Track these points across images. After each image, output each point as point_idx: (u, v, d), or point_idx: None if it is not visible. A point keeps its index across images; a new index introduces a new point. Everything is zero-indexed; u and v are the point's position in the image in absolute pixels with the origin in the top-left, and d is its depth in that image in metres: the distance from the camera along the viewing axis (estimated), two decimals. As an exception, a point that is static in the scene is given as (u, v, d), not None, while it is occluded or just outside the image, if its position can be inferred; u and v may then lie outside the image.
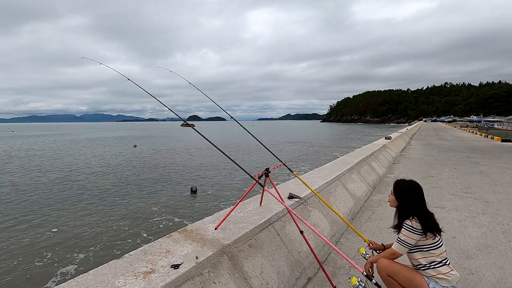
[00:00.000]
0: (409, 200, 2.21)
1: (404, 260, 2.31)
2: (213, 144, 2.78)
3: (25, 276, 5.87)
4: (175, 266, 1.96)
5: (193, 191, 12.37)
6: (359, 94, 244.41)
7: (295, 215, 2.66)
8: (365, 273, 2.21)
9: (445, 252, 2.16)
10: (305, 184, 3.57)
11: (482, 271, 2.94)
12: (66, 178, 15.65)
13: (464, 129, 37.27)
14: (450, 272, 2.09)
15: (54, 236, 7.82)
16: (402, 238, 2.15)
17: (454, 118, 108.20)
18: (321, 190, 4.34)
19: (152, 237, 7.50)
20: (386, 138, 13.53)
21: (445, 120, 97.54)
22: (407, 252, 2.21)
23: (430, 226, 2.11)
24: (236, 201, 2.94)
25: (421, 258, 2.14)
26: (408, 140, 19.09)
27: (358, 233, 2.96)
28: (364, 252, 2.57)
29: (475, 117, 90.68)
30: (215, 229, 2.64)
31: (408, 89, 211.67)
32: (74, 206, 10.55)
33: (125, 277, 1.85)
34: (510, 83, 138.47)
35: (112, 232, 8.01)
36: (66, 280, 1.83)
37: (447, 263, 2.13)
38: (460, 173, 8.05)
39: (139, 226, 8.43)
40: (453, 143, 17.43)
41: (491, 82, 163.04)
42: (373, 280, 2.15)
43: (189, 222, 8.28)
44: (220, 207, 10.01)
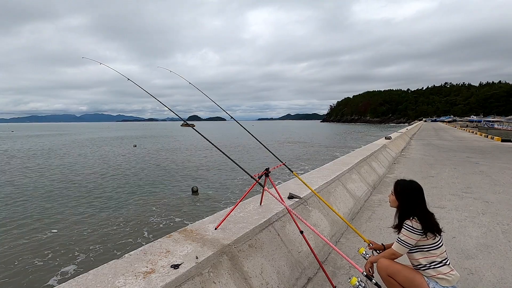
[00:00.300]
0: (410, 200, 2.21)
1: (404, 260, 2.31)
2: (213, 144, 2.77)
3: (26, 276, 5.87)
4: (175, 266, 1.96)
5: (194, 191, 12.36)
6: (359, 94, 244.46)
7: (295, 215, 2.66)
8: (365, 273, 2.21)
9: (445, 252, 2.16)
10: (305, 184, 3.57)
11: (482, 271, 2.94)
12: (66, 178, 15.65)
13: (464, 129, 37.27)
14: (450, 272, 2.09)
15: (54, 236, 7.82)
16: (402, 238, 2.15)
17: (454, 118, 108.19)
18: (321, 190, 4.34)
19: (152, 237, 7.50)
20: (386, 138, 13.53)
21: (445, 120, 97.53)
22: (407, 252, 2.21)
23: (431, 226, 2.11)
24: (236, 201, 2.94)
25: (421, 258, 2.14)
26: (408, 140, 19.09)
27: (358, 233, 2.96)
28: (364, 252, 2.58)
29: (475, 117, 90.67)
30: (215, 229, 2.64)
31: (408, 89, 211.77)
32: (74, 206, 10.55)
33: (125, 277, 1.85)
34: (510, 83, 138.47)
35: (112, 232, 8.01)
36: (66, 280, 1.83)
37: (447, 263, 2.13)
38: (460, 173, 8.05)
39: (139, 226, 8.43)
40: (453, 143, 17.43)
41: (491, 82, 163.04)
42: (373, 280, 2.15)
43: (189, 222, 8.28)
44: (220, 207, 10.01)
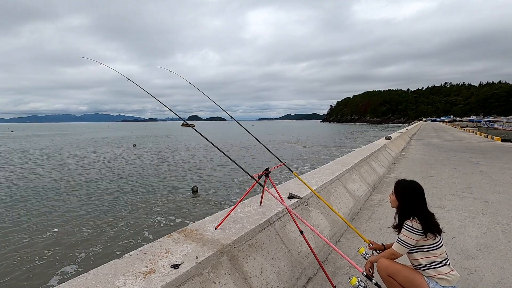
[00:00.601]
0: (410, 201, 2.21)
1: (404, 260, 2.31)
2: (213, 144, 2.77)
3: (26, 276, 5.87)
4: (175, 266, 1.96)
5: (194, 191, 12.35)
6: (359, 94, 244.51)
7: (295, 215, 2.66)
8: (365, 273, 2.21)
9: (446, 253, 2.16)
10: (305, 184, 3.57)
11: (482, 271, 2.94)
12: (66, 178, 15.65)
13: (464, 129, 37.27)
14: (450, 273, 2.09)
15: (54, 236, 7.82)
16: (402, 239, 2.15)
17: (454, 118, 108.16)
18: (321, 190, 4.34)
19: (152, 237, 7.50)
20: (386, 138, 13.53)
21: (445, 120, 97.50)
22: (408, 253, 2.21)
23: (431, 227, 2.11)
24: (236, 201, 2.94)
25: (422, 259, 2.14)
26: (408, 140, 19.09)
27: (358, 233, 2.96)
28: (364, 252, 2.58)
29: (475, 117, 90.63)
30: (215, 229, 2.64)
31: (408, 89, 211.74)
32: (74, 206, 10.55)
33: (125, 277, 1.85)
34: (510, 83, 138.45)
35: (112, 232, 8.01)
36: (66, 280, 1.83)
37: (448, 263, 2.13)
38: (460, 173, 8.05)
39: (139, 226, 8.43)
40: (453, 143, 17.43)
41: (491, 82, 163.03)
42: (373, 280, 2.15)
43: (189, 222, 8.28)
44: (220, 207, 10.01)
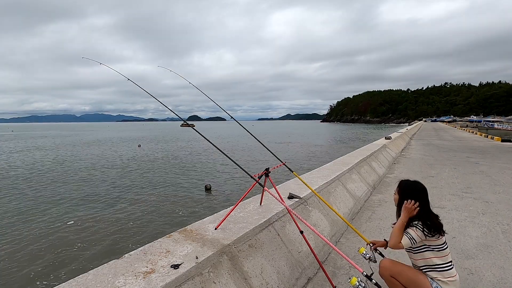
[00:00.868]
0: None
1: (405, 260, 2.31)
2: (213, 145, 2.77)
3: (26, 276, 5.87)
4: (175, 266, 1.96)
5: (207, 189, 12.70)
6: (359, 94, 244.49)
7: (295, 215, 2.66)
8: (365, 273, 2.21)
9: (449, 255, 2.15)
10: (305, 184, 3.57)
11: (482, 271, 2.93)
12: (66, 179, 15.65)
13: (464, 129, 37.26)
14: (454, 277, 2.10)
15: (54, 236, 7.82)
16: (411, 234, 2.12)
17: (454, 118, 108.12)
18: (321, 190, 4.34)
19: (152, 237, 7.50)
20: (386, 138, 13.52)
21: (445, 120, 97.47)
22: (411, 253, 2.20)
23: (434, 227, 2.10)
24: (236, 201, 2.94)
25: (424, 259, 2.13)
26: (408, 140, 19.08)
27: (359, 234, 2.95)
28: (364, 252, 2.57)
29: (475, 117, 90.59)
30: (215, 229, 2.63)
31: (408, 89, 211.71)
32: (74, 207, 10.55)
33: (125, 277, 1.85)
34: (510, 83, 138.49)
35: (112, 232, 8.01)
36: (66, 280, 1.83)
37: (451, 267, 2.12)
38: (460, 173, 8.05)
39: (139, 226, 8.43)
40: (453, 143, 17.43)
41: (491, 82, 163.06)
42: (373, 280, 2.15)
43: (189, 222, 8.28)
44: (220, 207, 10.01)
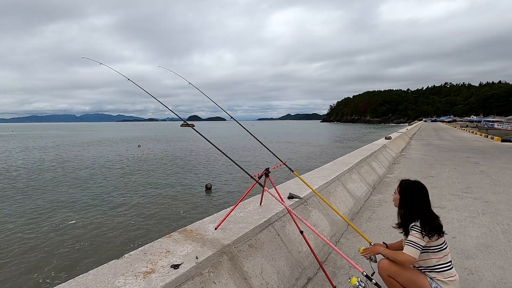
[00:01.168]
0: (412, 201, 2.20)
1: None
2: (213, 145, 2.77)
3: (26, 276, 5.87)
4: (175, 266, 1.96)
5: (208, 188, 12.75)
6: (359, 94, 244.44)
7: (295, 215, 2.66)
8: (365, 273, 2.20)
9: (449, 255, 2.15)
10: (305, 184, 3.57)
11: (482, 271, 2.94)
12: (66, 179, 15.65)
13: (464, 129, 37.26)
14: (454, 277, 2.09)
15: (54, 236, 7.82)
16: (414, 240, 2.05)
17: (454, 118, 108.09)
18: (321, 190, 4.34)
19: (152, 237, 7.50)
20: (386, 138, 13.52)
21: (445, 120, 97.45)
22: None
23: (434, 228, 2.08)
24: (236, 201, 2.94)
25: (423, 260, 2.13)
26: (408, 140, 19.08)
27: (360, 233, 2.95)
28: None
29: (475, 117, 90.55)
30: (215, 229, 2.64)
31: (408, 89, 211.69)
32: (74, 207, 10.55)
33: (125, 277, 1.85)
34: (510, 83, 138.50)
35: (112, 232, 8.01)
36: (66, 280, 1.83)
37: (451, 267, 2.12)
38: (460, 173, 8.05)
39: (139, 226, 8.43)
40: (453, 143, 17.43)
41: (491, 82, 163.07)
42: (373, 280, 2.15)
43: (189, 222, 8.27)
44: (220, 207, 10.01)
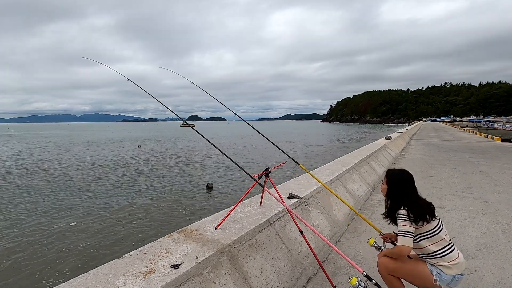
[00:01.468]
0: (398, 189, 2.19)
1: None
2: (213, 145, 2.77)
3: (26, 276, 5.87)
4: (175, 266, 1.96)
5: (209, 188, 12.80)
6: (359, 94, 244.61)
7: (295, 215, 2.66)
8: (365, 273, 2.20)
9: (446, 237, 2.07)
10: (315, 177, 3.67)
11: (482, 271, 2.94)
12: (66, 179, 15.65)
13: (464, 129, 37.25)
14: (457, 259, 2.01)
15: (54, 236, 7.82)
16: (402, 229, 2.06)
17: (454, 118, 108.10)
18: (321, 190, 4.35)
19: (152, 237, 7.50)
20: (386, 138, 13.52)
21: (445, 120, 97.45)
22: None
23: (419, 215, 2.05)
24: (236, 201, 2.94)
25: (430, 245, 2.07)
26: (408, 140, 19.08)
27: (371, 224, 2.86)
28: (374, 243, 2.52)
29: (475, 117, 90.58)
30: (215, 229, 2.64)
31: (408, 89, 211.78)
32: (74, 207, 10.55)
33: (125, 277, 1.85)
34: (510, 83, 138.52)
35: (112, 232, 8.01)
36: (66, 280, 1.83)
37: (452, 249, 2.04)
38: (460, 173, 8.05)
39: (139, 226, 8.43)
40: (453, 143, 17.43)
41: (491, 82, 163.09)
42: (373, 280, 2.15)
43: (189, 222, 8.28)
44: (220, 207, 10.01)
